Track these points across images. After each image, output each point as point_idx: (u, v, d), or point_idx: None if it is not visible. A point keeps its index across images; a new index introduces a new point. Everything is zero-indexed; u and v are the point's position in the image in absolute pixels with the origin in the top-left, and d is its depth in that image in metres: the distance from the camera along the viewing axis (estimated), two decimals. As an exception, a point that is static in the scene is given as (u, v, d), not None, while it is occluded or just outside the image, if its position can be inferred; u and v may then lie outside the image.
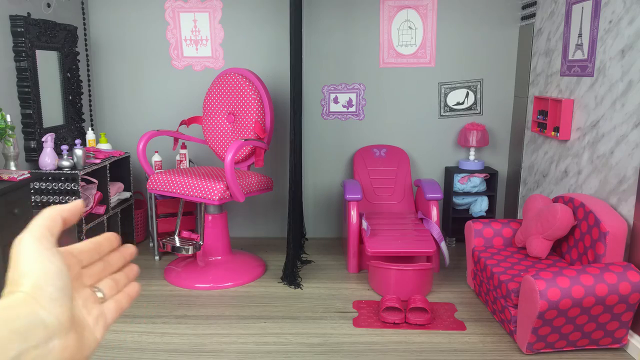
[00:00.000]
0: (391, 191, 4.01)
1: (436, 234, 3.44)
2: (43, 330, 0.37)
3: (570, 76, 3.25)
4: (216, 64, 4.10)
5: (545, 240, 2.92)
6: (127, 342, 2.68)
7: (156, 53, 4.09)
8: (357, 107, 4.18)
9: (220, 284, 3.36)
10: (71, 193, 3.14)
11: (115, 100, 4.17)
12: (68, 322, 0.39)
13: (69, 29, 3.65)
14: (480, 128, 4.00)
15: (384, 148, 4.13)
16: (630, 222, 2.62)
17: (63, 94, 3.66)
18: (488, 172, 4.05)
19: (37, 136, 3.25)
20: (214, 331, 2.80)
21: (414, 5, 4.01)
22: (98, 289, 0.47)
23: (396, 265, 3.11)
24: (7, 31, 3.10)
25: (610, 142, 2.83)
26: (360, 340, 2.70)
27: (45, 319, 0.38)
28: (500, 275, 2.78)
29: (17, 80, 3.16)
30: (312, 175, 4.28)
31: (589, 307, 2.38)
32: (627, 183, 2.67)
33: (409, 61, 4.10)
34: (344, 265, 3.71)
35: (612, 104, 2.81)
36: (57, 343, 0.38)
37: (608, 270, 2.42)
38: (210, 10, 4.03)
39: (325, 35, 4.06)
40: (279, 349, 2.63)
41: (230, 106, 3.59)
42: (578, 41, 3.16)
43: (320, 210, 4.34)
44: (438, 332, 2.78)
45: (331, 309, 3.05)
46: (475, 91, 4.14)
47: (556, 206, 2.85)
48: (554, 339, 2.47)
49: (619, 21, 2.76)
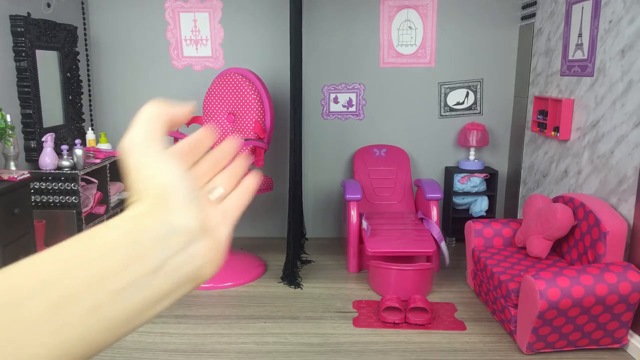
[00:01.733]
0: (391, 191, 4.01)
1: (436, 234, 3.44)
2: (180, 236, 0.35)
3: (570, 76, 3.25)
4: (216, 63, 4.10)
5: (545, 240, 2.92)
6: (127, 342, 2.68)
7: (156, 53, 4.09)
8: (357, 107, 4.18)
9: (220, 283, 3.36)
10: (71, 193, 3.14)
11: (115, 100, 4.17)
12: (202, 224, 0.36)
13: (69, 29, 3.65)
14: (480, 128, 4.00)
15: (384, 148, 4.13)
16: (630, 222, 2.62)
17: (63, 94, 3.66)
18: (488, 172, 4.04)
19: (37, 136, 3.25)
20: (214, 331, 2.80)
21: (414, 5, 4.01)
22: (215, 187, 0.42)
23: (396, 265, 3.11)
24: (7, 31, 3.10)
25: (610, 142, 2.83)
26: (360, 340, 2.70)
27: (180, 224, 0.35)
28: (500, 275, 2.78)
29: (17, 80, 3.16)
30: (312, 175, 4.28)
31: (589, 307, 2.37)
32: (627, 183, 2.67)
33: (409, 61, 4.10)
34: (344, 265, 3.71)
35: (612, 103, 2.81)
36: (197, 247, 0.35)
37: (608, 270, 2.42)
38: (210, 10, 4.03)
39: (325, 35, 4.06)
40: (279, 349, 2.63)
41: (230, 106, 3.59)
42: (578, 41, 3.16)
43: (320, 210, 4.34)
44: (438, 332, 2.78)
45: (331, 309, 3.05)
46: (475, 91, 4.13)
47: (556, 206, 2.85)
48: (554, 339, 2.47)
49: (619, 21, 2.76)
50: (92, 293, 0.30)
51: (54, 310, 0.29)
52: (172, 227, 0.35)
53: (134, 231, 0.34)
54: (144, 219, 0.34)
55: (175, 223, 0.35)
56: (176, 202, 0.35)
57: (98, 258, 0.32)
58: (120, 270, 0.32)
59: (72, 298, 0.30)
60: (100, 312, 0.31)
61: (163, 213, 0.35)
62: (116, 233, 0.33)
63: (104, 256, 0.32)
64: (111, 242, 0.33)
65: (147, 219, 0.34)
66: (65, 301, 0.30)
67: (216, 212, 0.40)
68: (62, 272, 0.30)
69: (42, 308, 0.29)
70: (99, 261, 0.32)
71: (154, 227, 0.34)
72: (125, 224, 0.34)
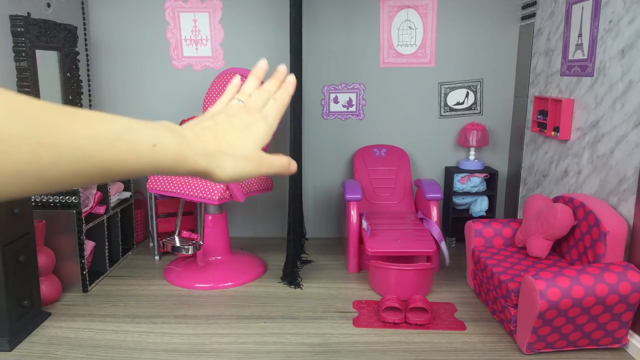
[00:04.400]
0: (391, 191, 4.01)
1: (436, 234, 3.44)
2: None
3: (570, 76, 3.25)
4: (216, 63, 4.10)
5: (545, 240, 2.92)
6: (127, 342, 2.68)
7: (156, 53, 4.09)
8: (357, 107, 4.18)
9: (220, 284, 3.36)
10: (71, 193, 3.14)
11: (115, 100, 4.17)
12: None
13: (69, 28, 3.65)
14: (480, 128, 4.00)
15: (384, 148, 4.13)
16: (630, 222, 2.62)
17: (63, 94, 3.66)
18: (488, 172, 4.04)
19: (37, 136, 3.25)
20: (214, 331, 2.80)
21: (414, 5, 4.01)
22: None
23: (396, 265, 3.11)
24: (7, 31, 3.10)
25: (610, 142, 2.83)
26: (360, 340, 2.70)
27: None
28: (500, 275, 2.78)
29: (17, 80, 3.16)
30: (312, 175, 4.27)
31: (589, 307, 2.37)
32: (627, 183, 2.67)
33: (409, 61, 4.10)
34: (344, 265, 3.71)
35: (612, 103, 2.81)
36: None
37: (608, 270, 2.42)
38: (210, 10, 4.03)
39: (325, 35, 4.06)
40: (279, 349, 2.63)
41: (230, 106, 3.58)
42: (578, 41, 3.16)
43: (320, 210, 4.34)
44: (438, 332, 2.78)
45: (331, 309, 3.05)
46: (475, 91, 4.13)
47: (556, 206, 2.85)
48: (554, 339, 2.47)
49: (619, 21, 2.75)
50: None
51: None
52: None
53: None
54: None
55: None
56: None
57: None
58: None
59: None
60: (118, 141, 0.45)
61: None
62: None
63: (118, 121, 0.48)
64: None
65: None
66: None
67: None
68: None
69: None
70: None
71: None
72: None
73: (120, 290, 3.33)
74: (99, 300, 3.17)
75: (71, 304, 3.10)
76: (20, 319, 2.69)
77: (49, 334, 2.76)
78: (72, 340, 2.70)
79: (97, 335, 2.75)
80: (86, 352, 2.60)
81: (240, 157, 0.54)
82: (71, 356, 2.56)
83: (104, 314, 2.99)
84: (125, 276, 3.56)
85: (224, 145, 0.54)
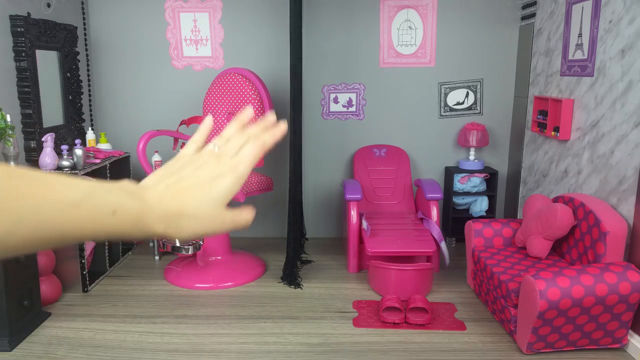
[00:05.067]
0: (391, 191, 4.01)
1: (436, 234, 3.44)
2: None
3: (570, 76, 3.25)
4: (216, 63, 4.10)
5: (545, 240, 2.92)
6: (127, 342, 2.68)
7: (156, 53, 4.09)
8: (357, 107, 4.18)
9: (220, 284, 3.36)
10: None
11: (115, 100, 4.17)
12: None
13: (69, 29, 3.65)
14: (480, 128, 4.00)
15: (384, 148, 4.13)
16: (630, 222, 2.62)
17: (63, 94, 3.66)
18: (488, 172, 4.04)
19: (37, 136, 3.25)
20: (214, 331, 2.80)
21: (414, 5, 4.01)
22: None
23: (396, 265, 3.11)
24: (7, 31, 3.10)
25: (610, 142, 2.83)
26: (360, 340, 2.70)
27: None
28: (500, 275, 2.78)
29: (17, 80, 3.16)
30: (312, 175, 4.28)
31: (589, 307, 2.38)
32: (627, 183, 2.67)
33: (409, 61, 4.10)
34: (344, 265, 3.71)
35: (612, 103, 2.81)
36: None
37: (608, 270, 2.42)
38: (210, 10, 4.03)
39: (325, 35, 4.06)
40: (279, 349, 2.63)
41: (230, 106, 3.59)
42: (578, 41, 3.16)
43: (320, 210, 4.34)
44: (438, 332, 2.78)
45: (331, 309, 3.05)
46: (475, 91, 4.13)
47: (556, 206, 2.85)
48: (554, 339, 2.47)
49: (619, 21, 2.76)
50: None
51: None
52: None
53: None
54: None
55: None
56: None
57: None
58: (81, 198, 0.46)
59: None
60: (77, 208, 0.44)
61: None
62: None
63: (74, 185, 0.46)
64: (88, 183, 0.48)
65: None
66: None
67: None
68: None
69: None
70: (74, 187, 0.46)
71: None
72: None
73: (120, 290, 3.33)
74: (99, 300, 3.17)
75: (71, 304, 3.10)
76: (20, 319, 2.69)
77: (49, 334, 2.76)
78: (72, 340, 2.70)
79: (97, 335, 2.75)
80: (86, 352, 2.60)
81: (200, 217, 0.54)
82: (71, 356, 2.56)
83: (104, 314, 2.99)
84: (125, 276, 3.56)
85: (185, 206, 0.53)
